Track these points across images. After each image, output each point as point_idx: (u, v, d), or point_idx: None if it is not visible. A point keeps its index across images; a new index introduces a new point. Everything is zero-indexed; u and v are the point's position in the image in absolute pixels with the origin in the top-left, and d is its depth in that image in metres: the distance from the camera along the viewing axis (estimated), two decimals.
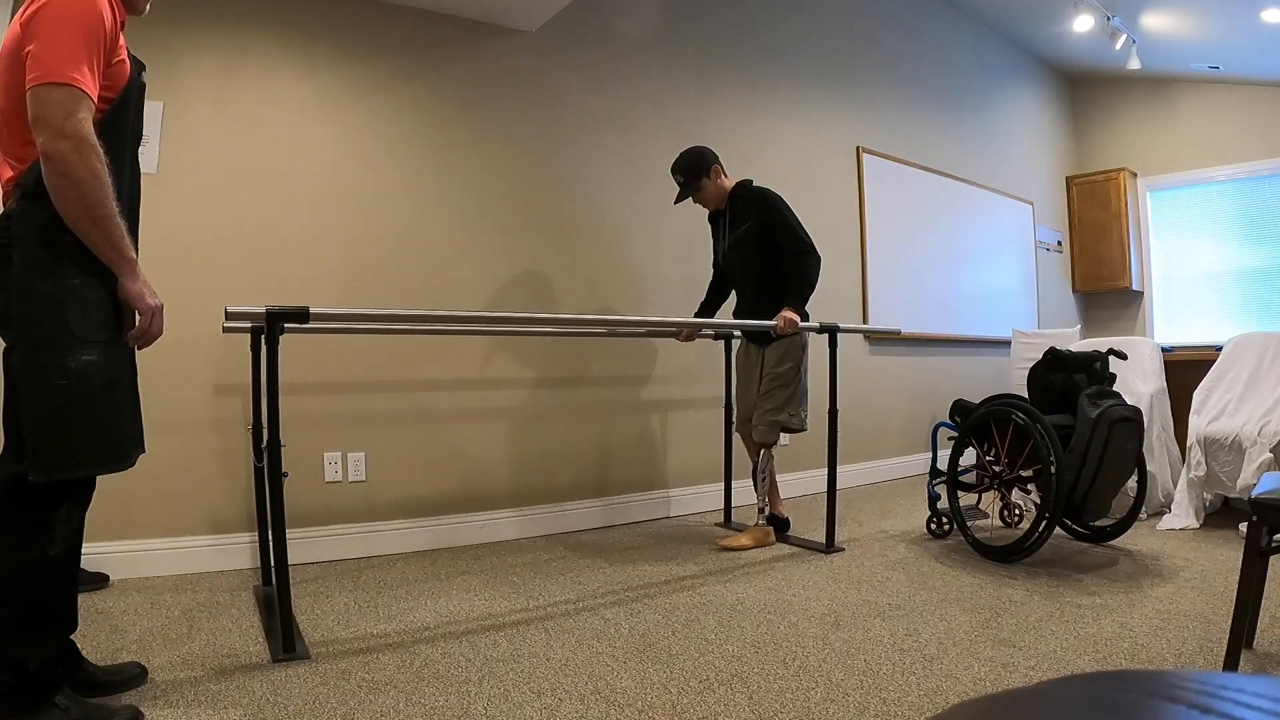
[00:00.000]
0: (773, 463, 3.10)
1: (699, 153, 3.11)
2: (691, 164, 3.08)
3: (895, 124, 4.96)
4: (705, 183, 3.08)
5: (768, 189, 3.10)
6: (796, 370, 3.04)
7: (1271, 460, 2.99)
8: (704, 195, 3.12)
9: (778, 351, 3.04)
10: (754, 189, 3.12)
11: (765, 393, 3.05)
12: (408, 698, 1.68)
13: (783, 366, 3.03)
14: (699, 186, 3.09)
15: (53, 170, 1.35)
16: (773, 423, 3.02)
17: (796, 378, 3.04)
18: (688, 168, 3.08)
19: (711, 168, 3.09)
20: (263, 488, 2.42)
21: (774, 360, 3.05)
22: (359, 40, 3.01)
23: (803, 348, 3.07)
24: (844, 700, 1.66)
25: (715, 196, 3.13)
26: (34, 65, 1.34)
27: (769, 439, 3.04)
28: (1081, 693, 0.30)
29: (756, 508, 3.09)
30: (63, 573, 1.50)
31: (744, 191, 3.12)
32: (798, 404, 3.05)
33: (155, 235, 2.64)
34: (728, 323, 3.20)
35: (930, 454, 3.34)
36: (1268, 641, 1.95)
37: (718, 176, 3.11)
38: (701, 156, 3.10)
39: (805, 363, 3.09)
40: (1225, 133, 5.89)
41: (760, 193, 3.09)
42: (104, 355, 1.45)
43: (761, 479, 3.06)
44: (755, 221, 3.04)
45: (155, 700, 1.63)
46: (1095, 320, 6.59)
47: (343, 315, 2.45)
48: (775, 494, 3.22)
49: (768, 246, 3.04)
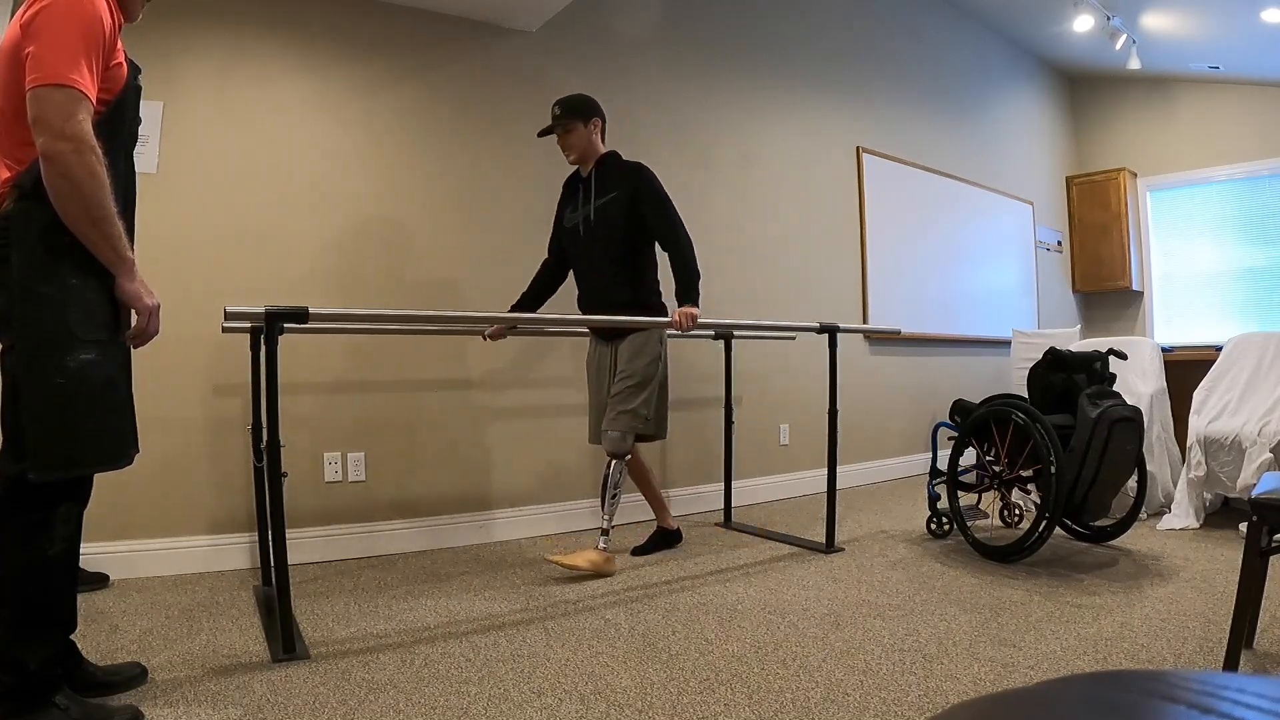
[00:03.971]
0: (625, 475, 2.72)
1: (590, 99, 2.81)
2: (577, 104, 2.76)
3: (895, 124, 4.96)
4: (580, 128, 2.74)
5: (644, 165, 2.77)
6: (654, 366, 2.73)
7: (1271, 460, 2.99)
8: (572, 140, 2.76)
9: (631, 347, 2.72)
10: (629, 161, 2.79)
11: (616, 393, 2.70)
12: (408, 698, 1.67)
13: (637, 362, 2.70)
14: (573, 127, 2.74)
15: (52, 171, 1.36)
16: (624, 429, 2.66)
17: (654, 375, 2.72)
18: (572, 105, 2.76)
19: (594, 119, 2.78)
20: (262, 488, 2.42)
21: (627, 356, 2.72)
22: (359, 40, 3.01)
23: (660, 341, 2.76)
24: (844, 700, 1.66)
25: (582, 150, 2.78)
26: (34, 66, 1.35)
27: (620, 448, 2.67)
28: (1081, 693, 0.30)
29: (600, 529, 2.64)
30: (62, 572, 1.50)
31: (615, 161, 2.79)
32: (652, 404, 2.72)
33: (155, 235, 2.64)
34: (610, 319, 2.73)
35: (930, 454, 3.33)
36: (1268, 641, 1.95)
37: (595, 131, 2.79)
38: (591, 104, 2.79)
39: (665, 359, 2.79)
40: (1225, 133, 5.89)
41: (636, 166, 2.76)
42: (103, 355, 1.46)
43: (612, 496, 2.64)
44: (623, 195, 2.70)
45: (155, 700, 1.63)
46: (1095, 320, 6.59)
47: (342, 315, 2.45)
48: (662, 506, 2.97)
49: (632, 227, 2.71)
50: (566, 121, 2.74)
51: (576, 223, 2.82)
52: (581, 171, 2.84)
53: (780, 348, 4.05)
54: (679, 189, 3.81)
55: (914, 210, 5.04)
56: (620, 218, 2.71)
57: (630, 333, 2.73)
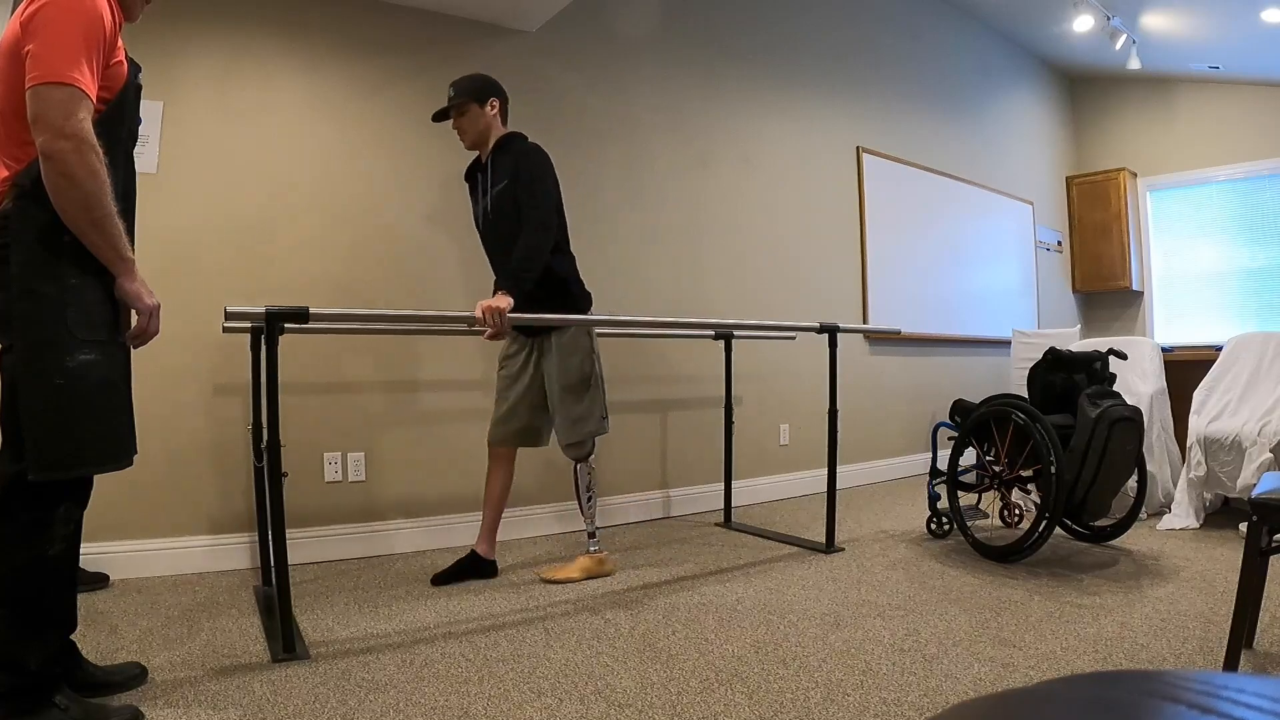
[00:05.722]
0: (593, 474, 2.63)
1: (488, 78, 2.60)
2: (474, 84, 2.55)
3: (895, 124, 4.96)
4: (476, 110, 2.53)
5: (538, 147, 2.56)
6: (590, 362, 2.57)
7: (1271, 460, 2.99)
8: (467, 123, 2.56)
9: (561, 347, 2.53)
10: (523, 144, 2.56)
11: (561, 400, 2.54)
12: (408, 698, 1.67)
13: (572, 362, 2.53)
14: (467, 108, 2.53)
15: (53, 170, 1.35)
16: (582, 436, 2.55)
17: (592, 371, 2.57)
18: (469, 85, 2.55)
19: (491, 100, 2.56)
20: (263, 488, 2.43)
21: (561, 354, 2.53)
22: (359, 40, 3.01)
23: (589, 334, 2.59)
24: (844, 700, 1.66)
25: (475, 134, 2.57)
26: (34, 65, 1.34)
27: (582, 454, 2.59)
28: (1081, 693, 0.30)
29: (587, 533, 2.63)
30: (62, 572, 1.50)
31: (509, 144, 2.57)
32: (600, 401, 2.59)
33: (155, 235, 2.64)
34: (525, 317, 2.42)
35: (930, 454, 3.33)
36: (1268, 641, 1.95)
37: (492, 112, 2.57)
38: (490, 84, 2.59)
39: (596, 351, 2.62)
40: (1225, 133, 5.89)
41: (527, 148, 2.54)
42: (102, 355, 1.46)
43: (588, 499, 2.59)
44: (509, 180, 2.50)
45: (155, 700, 1.63)
46: (1095, 320, 6.59)
47: (342, 315, 2.45)
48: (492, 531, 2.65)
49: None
50: (460, 102, 2.53)
51: (479, 214, 2.64)
52: (481, 158, 2.63)
53: (780, 348, 4.05)
54: (679, 189, 3.84)
55: (914, 210, 5.04)
56: (511, 207, 2.49)
57: (553, 330, 2.54)
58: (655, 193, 3.72)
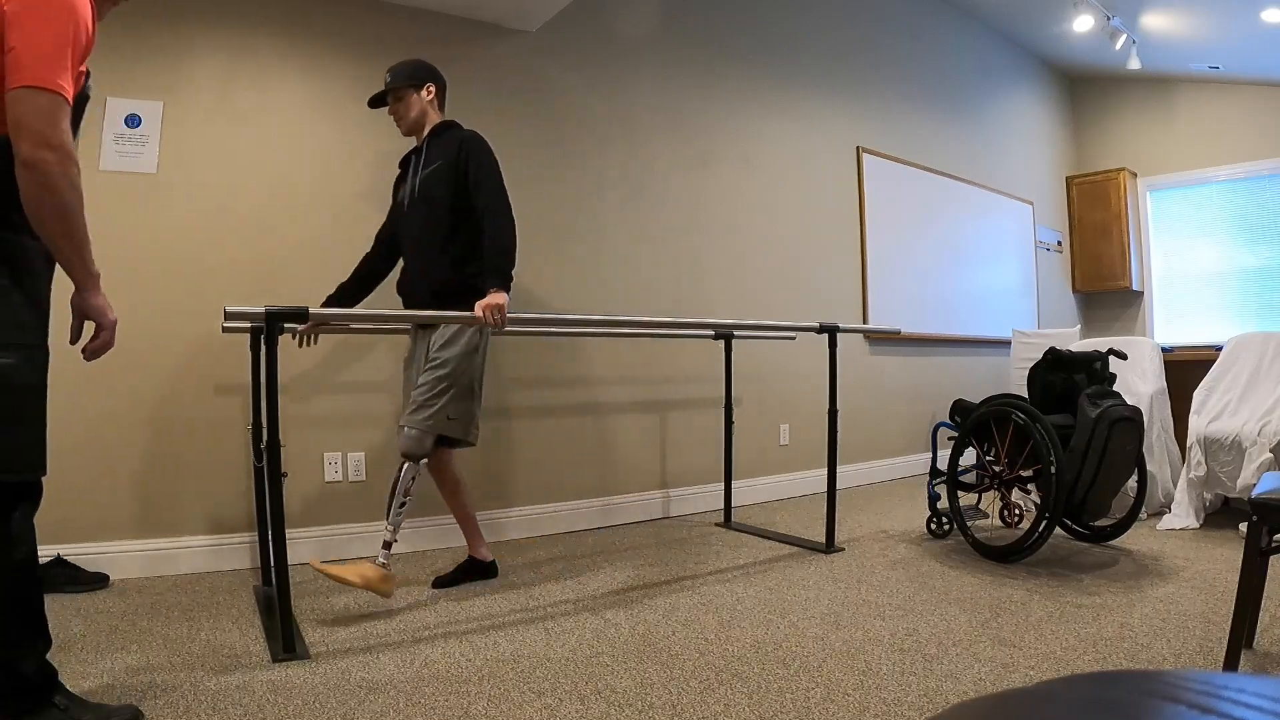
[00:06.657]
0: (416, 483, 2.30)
1: (424, 63, 2.54)
2: (412, 69, 2.51)
3: (895, 124, 4.96)
4: (413, 96, 2.49)
5: (479, 134, 2.49)
6: (470, 359, 2.38)
7: (1271, 460, 2.99)
8: (404, 109, 2.50)
9: (445, 334, 2.38)
10: (460, 130, 2.51)
11: (421, 384, 2.34)
12: (408, 698, 1.67)
13: (449, 351, 2.35)
14: (403, 94, 2.48)
15: (34, 180, 1.30)
16: (424, 428, 2.30)
17: (468, 369, 2.38)
18: (405, 70, 2.50)
19: (429, 84, 2.51)
20: (262, 488, 2.43)
21: (439, 344, 2.37)
22: (359, 40, 3.01)
23: (481, 332, 2.41)
24: (844, 700, 1.66)
25: (412, 121, 2.52)
26: (16, 64, 1.28)
27: (417, 449, 2.29)
28: (1081, 693, 0.30)
29: (383, 541, 2.27)
30: (33, 575, 1.46)
31: (446, 130, 2.52)
32: (461, 402, 2.36)
33: (155, 235, 2.65)
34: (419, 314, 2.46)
35: (930, 454, 3.34)
36: (1268, 641, 1.95)
37: (429, 97, 2.52)
38: (426, 69, 2.53)
39: (484, 352, 2.45)
40: (1225, 133, 5.89)
41: (467, 134, 2.47)
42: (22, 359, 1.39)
43: (400, 505, 2.27)
44: (447, 162, 2.42)
45: (155, 700, 1.63)
46: (1095, 320, 6.59)
47: (342, 315, 2.44)
48: (475, 531, 2.59)
49: (459, 198, 2.42)
50: (397, 88, 2.48)
51: (403, 198, 2.55)
52: (417, 141, 2.58)
53: (780, 348, 4.05)
54: (679, 189, 3.84)
55: (914, 210, 5.04)
56: (444, 188, 2.41)
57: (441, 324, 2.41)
58: (655, 193, 3.71)
